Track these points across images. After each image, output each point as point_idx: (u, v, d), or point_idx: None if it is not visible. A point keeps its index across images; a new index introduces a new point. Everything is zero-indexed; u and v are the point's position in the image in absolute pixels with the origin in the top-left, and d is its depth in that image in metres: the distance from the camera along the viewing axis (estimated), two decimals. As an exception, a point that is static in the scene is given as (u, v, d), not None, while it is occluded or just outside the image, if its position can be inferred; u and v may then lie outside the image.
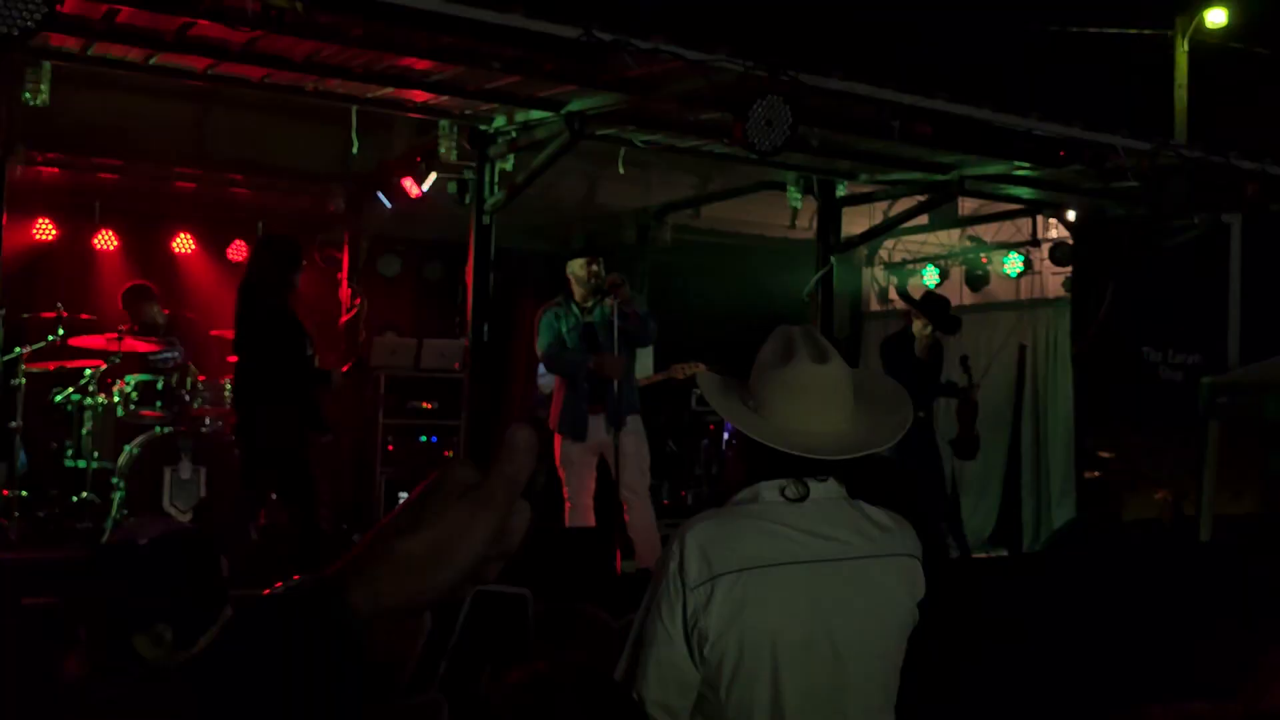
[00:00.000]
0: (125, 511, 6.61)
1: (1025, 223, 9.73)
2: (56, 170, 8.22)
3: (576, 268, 6.40)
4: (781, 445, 2.07)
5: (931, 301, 8.11)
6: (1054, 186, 7.85)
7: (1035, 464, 9.34)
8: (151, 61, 5.82)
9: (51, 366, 7.67)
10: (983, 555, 8.45)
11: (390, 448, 8.46)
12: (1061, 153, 6.25)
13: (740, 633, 2.01)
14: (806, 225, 9.92)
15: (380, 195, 8.14)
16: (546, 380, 8.20)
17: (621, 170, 9.30)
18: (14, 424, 7.06)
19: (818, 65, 5.47)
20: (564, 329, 6.39)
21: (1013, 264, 9.74)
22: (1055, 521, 8.79)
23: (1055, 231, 9.44)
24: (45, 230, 8.86)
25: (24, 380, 7.19)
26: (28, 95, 5.41)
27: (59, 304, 8.16)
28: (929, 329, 7.78)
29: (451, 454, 8.57)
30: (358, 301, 8.56)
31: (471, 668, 4.30)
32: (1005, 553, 8.73)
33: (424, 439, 8.59)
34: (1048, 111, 6.26)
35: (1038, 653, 5.52)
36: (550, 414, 6.57)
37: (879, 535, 2.14)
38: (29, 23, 3.92)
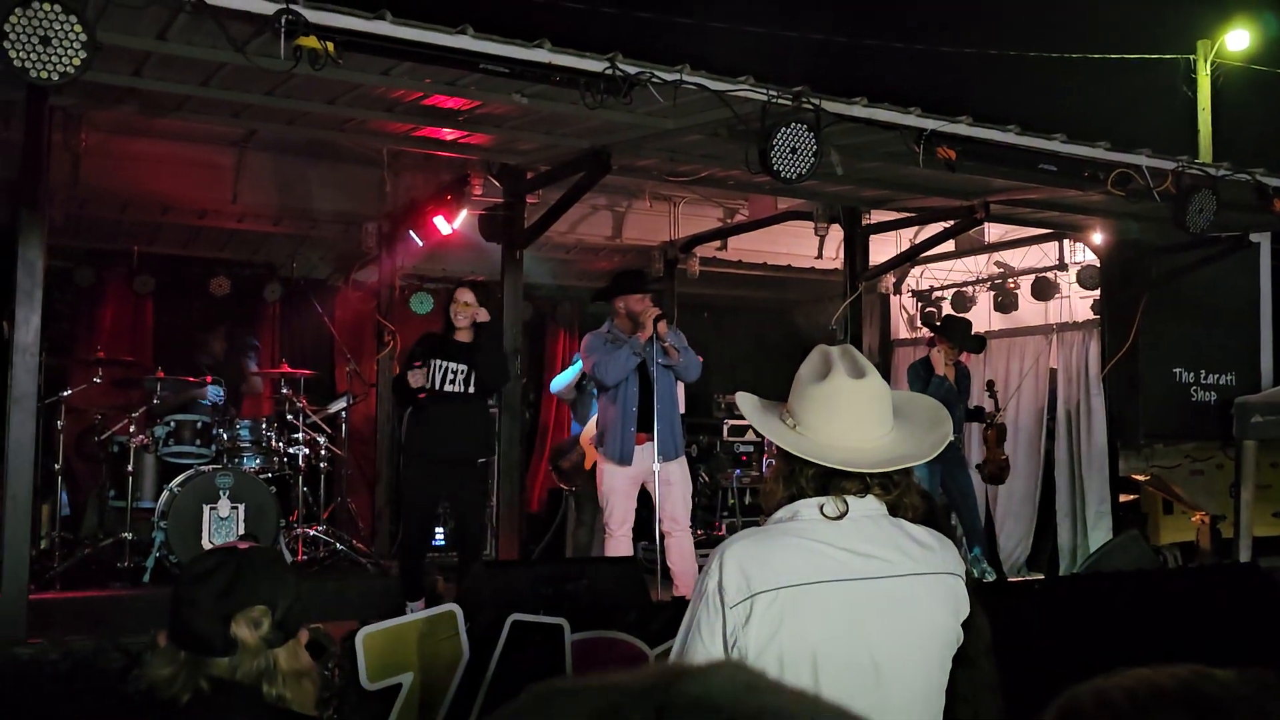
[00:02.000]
0: (166, 551, 6.69)
1: (1052, 246, 9.72)
2: (96, 215, 8.38)
3: (630, 301, 6.41)
4: (820, 459, 2.09)
5: (952, 324, 8.11)
6: (1080, 209, 7.85)
7: (1070, 488, 9.27)
8: (185, 106, 5.96)
9: (93, 408, 7.80)
10: (1019, 579, 8.38)
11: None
12: (1086, 174, 6.25)
13: (780, 651, 2.00)
14: (833, 255, 9.97)
15: (412, 233, 8.24)
16: (566, 389, 8.28)
17: (649, 204, 9.43)
18: (56, 465, 7.17)
19: (841, 92, 5.50)
20: None
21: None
22: (1092, 545, 8.71)
23: (1082, 255, 9.42)
24: (85, 275, 9.04)
25: (65, 422, 7.30)
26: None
27: (99, 346, 8.32)
28: (953, 352, 7.79)
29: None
30: (389, 339, 8.65)
31: (509, 696, 4.30)
32: (1041, 576, 8.65)
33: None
34: (1073, 132, 6.26)
35: (1076, 678, 5.48)
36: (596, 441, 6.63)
37: (920, 553, 2.12)
38: (69, 68, 4.02)
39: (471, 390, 6.16)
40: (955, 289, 10.56)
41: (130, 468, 7.18)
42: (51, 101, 5.30)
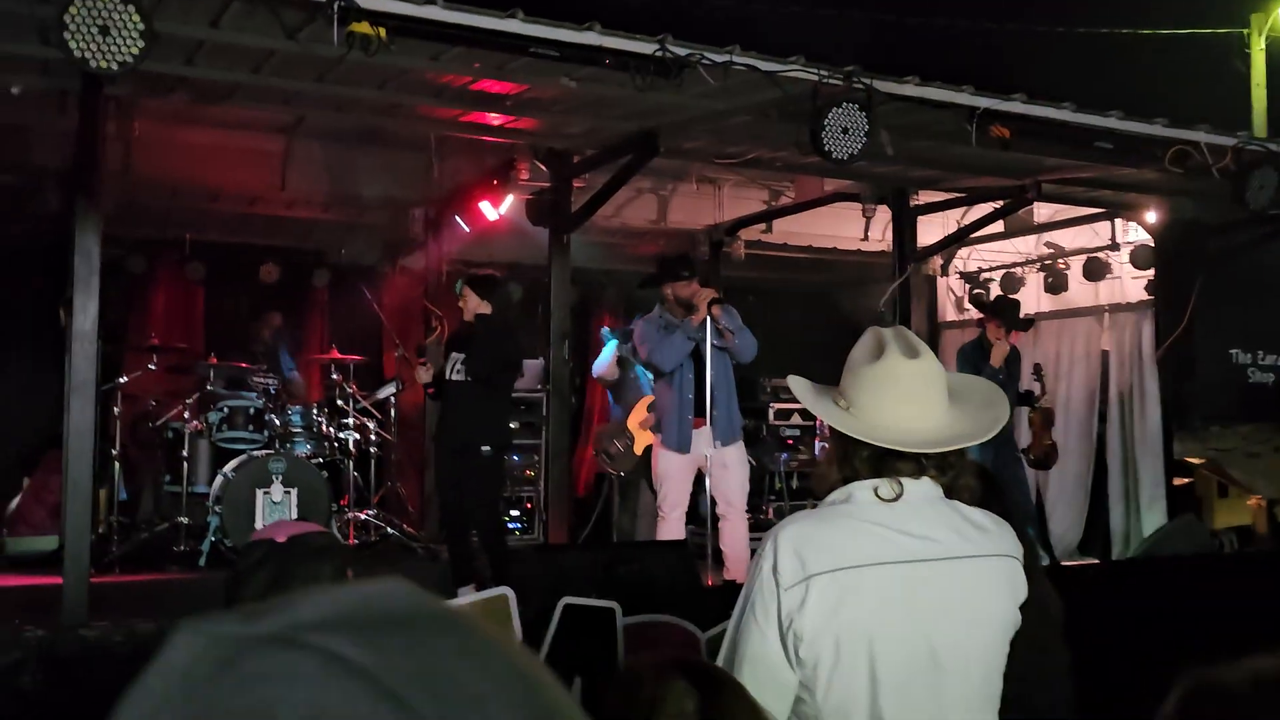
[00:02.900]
0: (221, 535, 6.78)
1: (1104, 226, 9.57)
2: (148, 203, 8.49)
3: (678, 288, 6.39)
4: (874, 440, 2.07)
5: (1002, 304, 8.02)
6: (1134, 188, 7.72)
7: (1123, 472, 9.15)
8: (236, 94, 6.01)
9: (147, 394, 7.92)
10: (1072, 564, 8.28)
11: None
12: (1143, 151, 6.14)
13: (836, 634, 1.98)
14: (880, 236, 9.88)
15: (458, 219, 8.27)
16: (608, 368, 8.28)
17: (695, 187, 9.39)
18: (113, 451, 7.29)
19: (892, 70, 5.44)
20: None
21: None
22: (1145, 529, 8.60)
23: (1135, 234, 9.27)
24: (138, 262, 9.17)
25: (121, 408, 7.42)
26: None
27: (152, 333, 8.44)
28: (1003, 334, 7.68)
29: (533, 473, 8.65)
30: (436, 325, 8.70)
31: (562, 680, 4.32)
32: (1095, 561, 8.56)
33: (506, 458, 8.66)
34: (1129, 109, 6.14)
35: (1134, 664, 5.40)
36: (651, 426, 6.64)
37: (977, 535, 2.10)
38: (128, 57, 4.07)
39: (466, 378, 6.24)
40: (1004, 270, 10.44)
41: (185, 453, 7.29)
42: (106, 91, 5.36)
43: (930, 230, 8.98)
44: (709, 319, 6.10)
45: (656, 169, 8.24)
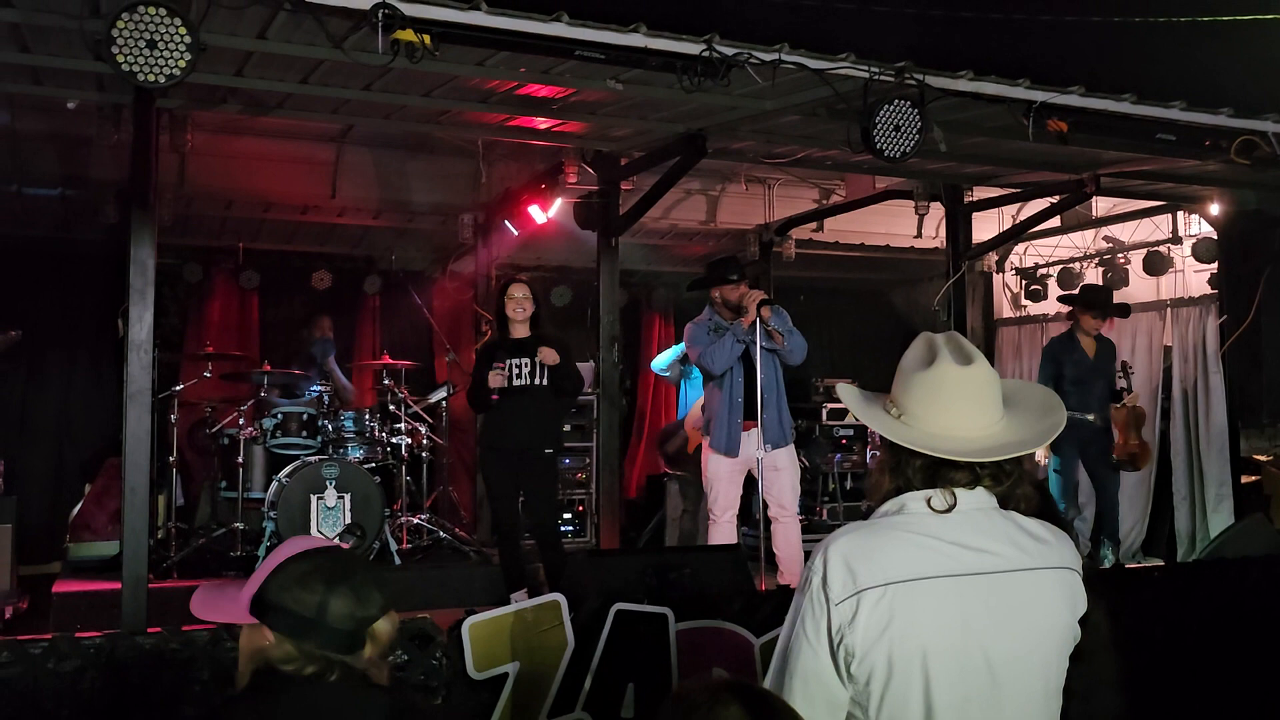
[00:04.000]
0: (276, 540, 6.84)
1: (1164, 219, 9.36)
2: (202, 213, 8.61)
3: (725, 291, 6.33)
4: (926, 449, 2.01)
5: (1092, 293, 7.79)
6: (1197, 179, 7.53)
7: (1187, 470, 8.94)
8: (285, 104, 6.06)
9: (203, 401, 8.03)
10: (1137, 565, 8.10)
11: (526, 470, 8.56)
12: (1207, 142, 5.97)
13: (888, 649, 1.93)
14: (933, 233, 9.75)
15: (507, 223, 8.29)
16: (671, 367, 8.24)
17: (744, 187, 9.33)
18: (170, 458, 7.40)
19: (941, 64, 5.34)
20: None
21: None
22: (1212, 529, 8.38)
23: (1198, 227, 9.06)
24: (193, 271, 9.30)
25: (178, 415, 7.52)
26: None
27: (207, 341, 8.55)
28: (1096, 323, 7.45)
29: (584, 476, 8.65)
30: (486, 329, 8.73)
31: (614, 686, 4.30)
32: (1160, 563, 8.36)
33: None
34: (1193, 99, 5.97)
35: (1200, 671, 5.25)
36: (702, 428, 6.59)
37: (1035, 547, 2.04)
38: (175, 70, 4.11)
39: (539, 382, 6.17)
40: (1061, 265, 10.25)
41: (240, 459, 7.37)
42: (158, 104, 5.43)
43: (985, 226, 8.84)
44: (758, 320, 6.03)
45: (705, 169, 8.19)
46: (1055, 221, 8.95)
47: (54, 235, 8.89)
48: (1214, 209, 8.31)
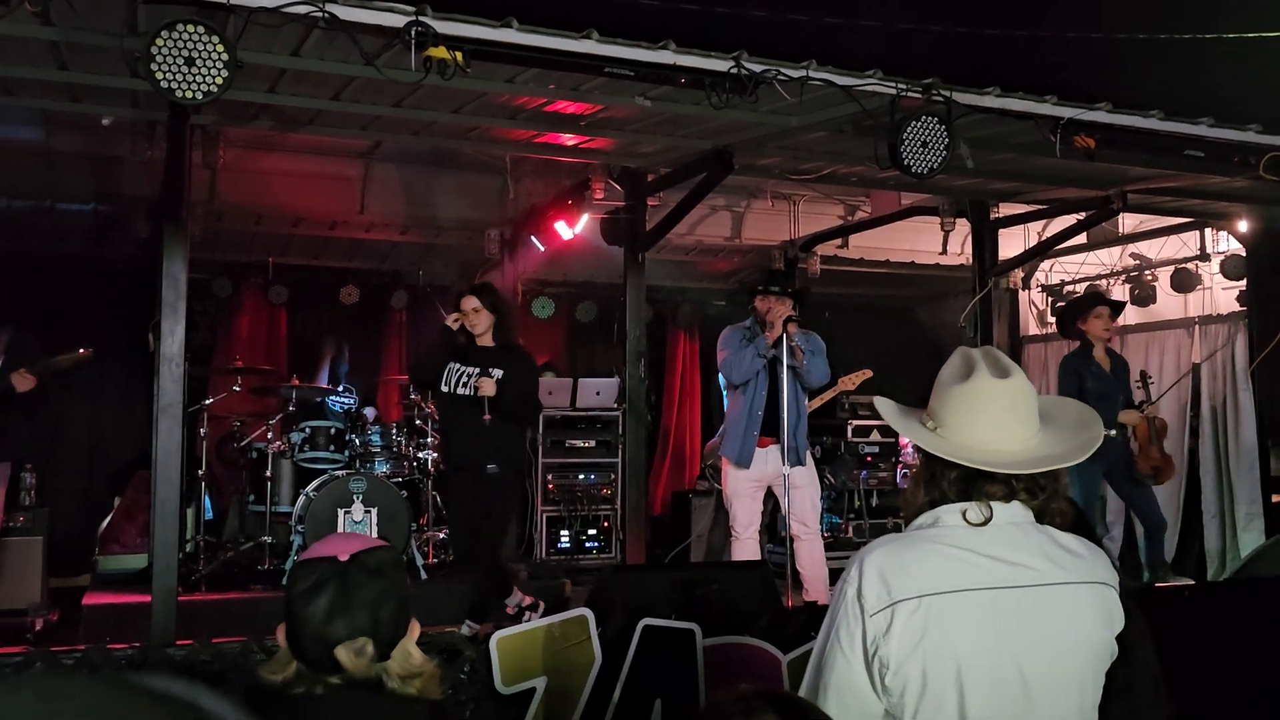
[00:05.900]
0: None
1: (1191, 236, 9.31)
2: (232, 229, 8.69)
3: (759, 302, 6.30)
4: (962, 460, 2.01)
5: (1095, 295, 7.75)
6: (1225, 196, 7.49)
7: (1217, 488, 8.86)
8: (316, 120, 6.12)
9: (232, 415, 8.09)
10: (1165, 585, 8.03)
11: (550, 486, 8.59)
12: (1236, 159, 5.95)
13: (923, 662, 1.94)
14: (958, 250, 9.73)
15: (533, 238, 8.32)
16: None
17: (770, 203, 9.34)
18: (199, 471, 7.45)
19: (968, 81, 5.34)
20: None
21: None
22: (1242, 549, 8.30)
23: (1226, 244, 9.00)
24: (223, 286, 9.39)
25: (207, 429, 7.58)
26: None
27: (237, 355, 8.62)
28: (1107, 329, 7.40)
29: (609, 491, 8.66)
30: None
31: (642, 702, 4.30)
32: (1190, 581, 8.28)
33: (582, 477, 8.69)
34: (1221, 116, 5.96)
35: (1231, 691, 5.20)
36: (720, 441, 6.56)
37: (1070, 561, 2.03)
38: (212, 87, 4.16)
39: (479, 396, 5.73)
40: (1088, 283, 10.20)
41: (268, 473, 7.42)
42: (192, 120, 5.49)
43: (1011, 243, 8.81)
44: (784, 336, 6.03)
45: (730, 185, 8.21)
46: (1082, 238, 8.91)
47: (86, 251, 8.99)
48: (1242, 226, 8.26)
